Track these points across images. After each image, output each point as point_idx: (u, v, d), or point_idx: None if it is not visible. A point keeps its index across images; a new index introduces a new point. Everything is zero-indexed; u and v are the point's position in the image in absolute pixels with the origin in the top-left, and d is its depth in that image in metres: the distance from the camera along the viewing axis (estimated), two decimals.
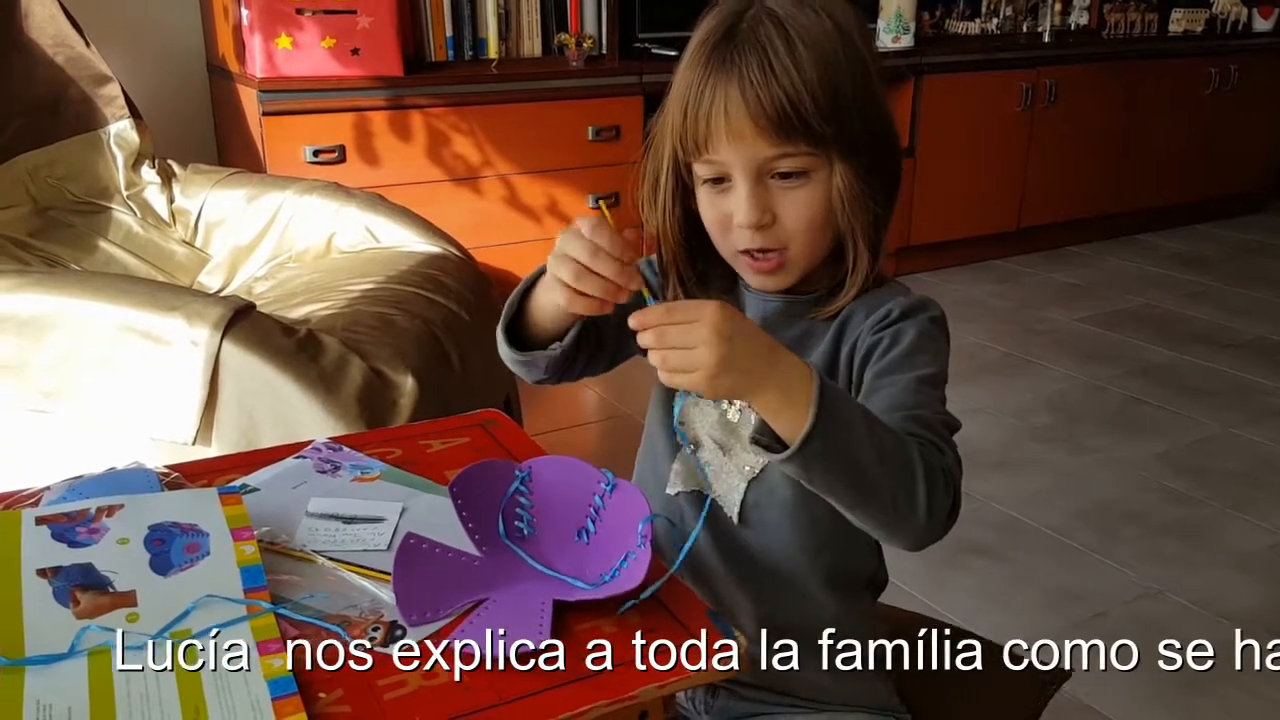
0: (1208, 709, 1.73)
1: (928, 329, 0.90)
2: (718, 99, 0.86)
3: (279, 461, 1.06)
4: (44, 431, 1.76)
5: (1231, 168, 4.78)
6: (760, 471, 0.96)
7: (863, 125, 0.87)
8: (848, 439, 0.76)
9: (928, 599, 2.00)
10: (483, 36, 3.19)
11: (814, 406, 0.74)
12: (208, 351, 1.68)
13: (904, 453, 0.78)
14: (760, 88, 0.84)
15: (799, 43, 0.85)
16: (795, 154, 0.87)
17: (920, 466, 0.77)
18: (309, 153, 2.82)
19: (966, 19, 4.27)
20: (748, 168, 0.88)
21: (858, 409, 0.78)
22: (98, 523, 0.88)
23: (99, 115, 2.53)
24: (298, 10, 2.76)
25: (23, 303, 1.75)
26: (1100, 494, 2.44)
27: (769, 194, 0.89)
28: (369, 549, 0.92)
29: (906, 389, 0.87)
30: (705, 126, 0.87)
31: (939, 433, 0.84)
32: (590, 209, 3.23)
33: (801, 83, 0.84)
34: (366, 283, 2.12)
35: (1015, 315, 3.66)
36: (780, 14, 0.86)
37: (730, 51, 0.86)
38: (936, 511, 0.78)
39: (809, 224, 0.89)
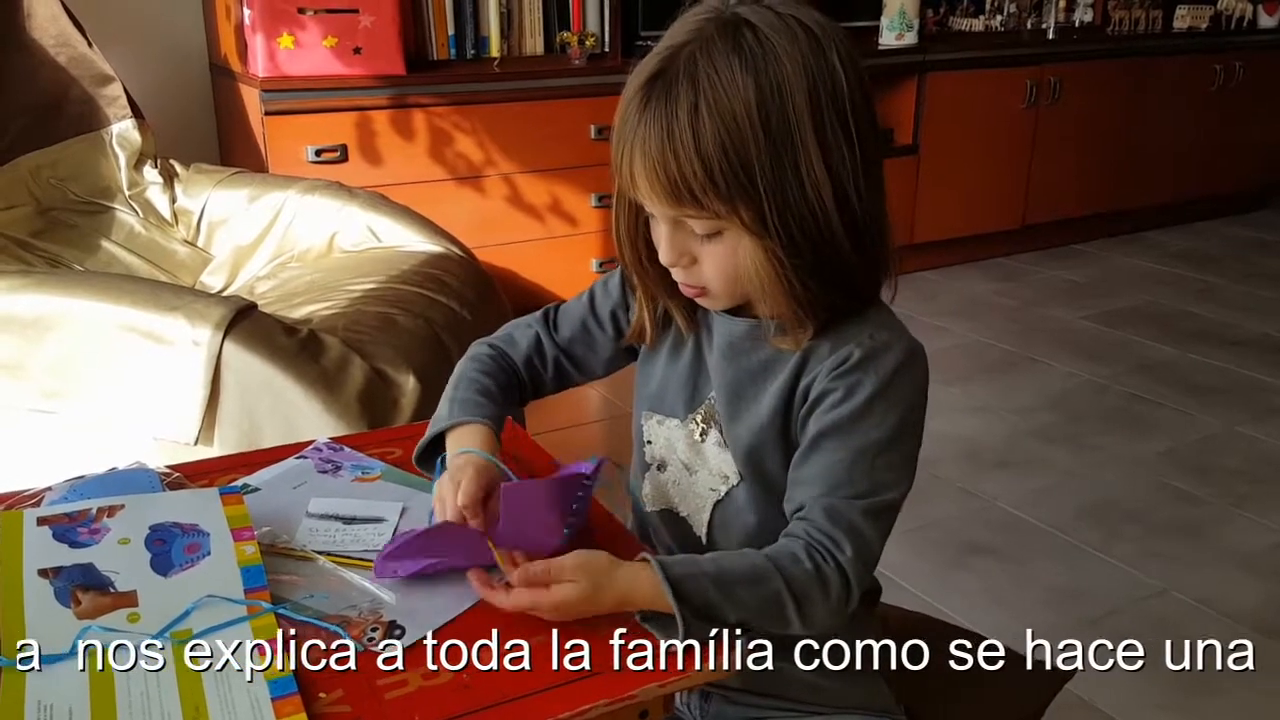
0: (1211, 708, 1.73)
1: (887, 380, 0.87)
2: (625, 153, 0.85)
3: (280, 462, 1.07)
4: (46, 431, 1.76)
5: (1236, 165, 4.76)
6: (725, 494, 0.96)
7: (777, 202, 0.81)
8: (713, 612, 0.81)
9: (931, 599, 2.00)
10: (485, 35, 3.18)
11: (678, 615, 0.79)
12: (209, 351, 1.68)
13: (767, 590, 0.82)
14: (655, 155, 0.82)
15: (704, 111, 0.80)
16: (696, 216, 0.84)
17: (788, 596, 0.82)
18: (311, 152, 2.82)
19: (970, 16, 4.26)
20: (663, 217, 0.87)
21: (709, 586, 0.81)
22: (99, 523, 0.89)
23: (101, 115, 2.53)
24: (300, 9, 2.76)
25: (25, 303, 1.75)
26: (1103, 492, 2.44)
27: (689, 241, 0.88)
28: (369, 549, 0.92)
29: (841, 463, 0.86)
30: (621, 168, 0.86)
31: (847, 524, 0.84)
32: (593, 207, 3.23)
33: (696, 156, 0.80)
34: (368, 282, 2.12)
35: (1019, 313, 3.65)
36: (701, 72, 0.81)
37: (647, 104, 0.83)
38: (817, 620, 0.84)
39: (725, 276, 0.87)
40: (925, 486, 2.42)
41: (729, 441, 0.95)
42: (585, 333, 1.06)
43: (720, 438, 0.96)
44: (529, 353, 1.06)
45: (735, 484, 0.95)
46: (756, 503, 0.95)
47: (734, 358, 0.95)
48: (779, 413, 0.92)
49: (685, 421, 0.98)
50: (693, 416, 0.98)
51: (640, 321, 1.00)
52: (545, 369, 1.07)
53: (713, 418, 0.96)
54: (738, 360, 0.95)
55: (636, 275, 0.97)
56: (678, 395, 0.99)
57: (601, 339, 1.06)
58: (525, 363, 1.06)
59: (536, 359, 1.06)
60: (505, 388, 1.03)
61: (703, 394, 0.98)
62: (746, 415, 0.94)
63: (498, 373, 1.04)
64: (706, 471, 0.97)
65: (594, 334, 1.06)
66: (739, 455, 0.94)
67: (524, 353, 1.06)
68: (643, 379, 1.04)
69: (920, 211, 3.89)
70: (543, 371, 1.07)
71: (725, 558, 0.85)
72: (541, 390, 1.08)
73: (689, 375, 0.99)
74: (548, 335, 1.07)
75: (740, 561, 0.84)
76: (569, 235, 3.24)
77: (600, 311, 1.05)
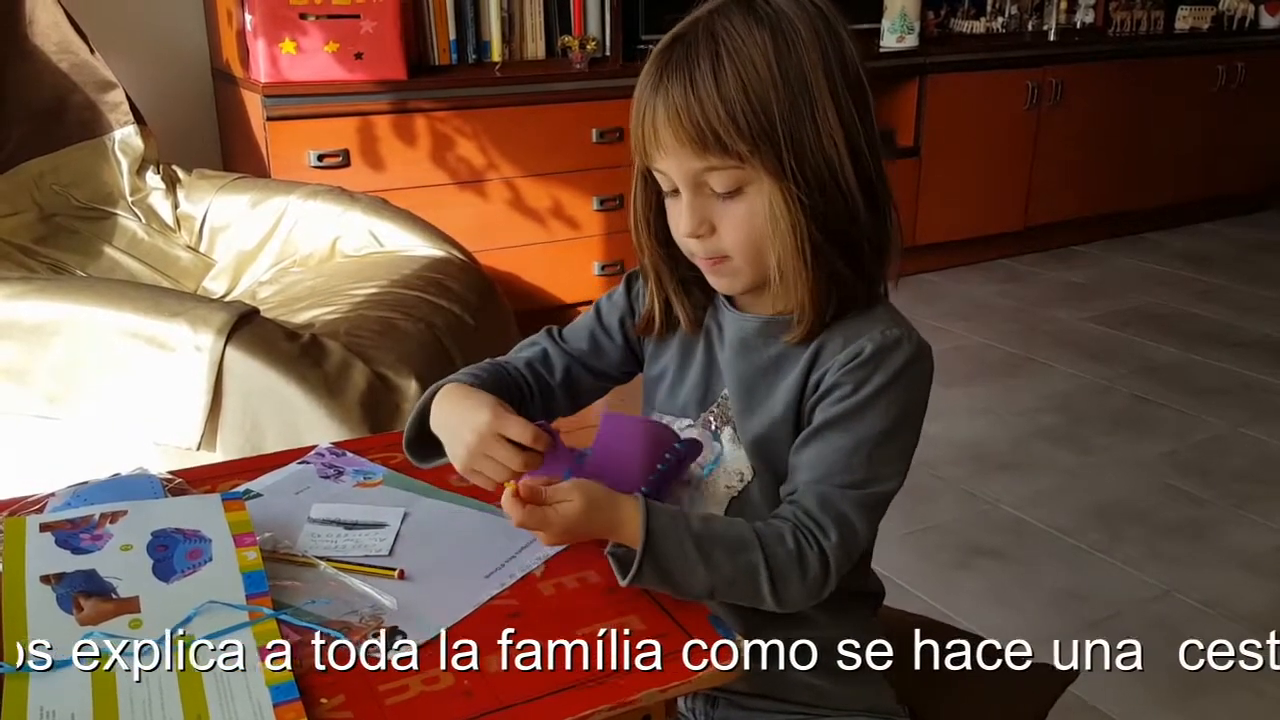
0: (1214, 709, 1.73)
1: (896, 374, 0.88)
2: (648, 112, 0.88)
3: (282, 467, 1.07)
4: (49, 437, 1.77)
5: (1238, 165, 4.76)
6: (741, 492, 0.96)
7: (795, 148, 0.85)
8: (681, 570, 0.84)
9: (935, 601, 2.00)
10: (486, 39, 3.19)
11: (636, 563, 0.83)
12: (212, 357, 1.68)
13: (745, 560, 0.85)
14: (679, 102, 0.85)
15: (725, 59, 0.84)
16: (722, 167, 0.86)
17: (764, 571, 0.85)
18: (313, 157, 2.83)
19: (971, 18, 4.26)
20: (685, 179, 0.89)
21: (688, 543, 0.84)
22: (101, 529, 0.89)
23: (103, 121, 2.53)
24: (301, 15, 2.76)
25: (28, 309, 1.75)
26: (1107, 494, 2.44)
27: (709, 206, 0.89)
28: (371, 555, 0.92)
29: (840, 451, 0.88)
30: (642, 136, 0.89)
31: (836, 513, 0.87)
32: (595, 211, 3.24)
33: (719, 99, 0.84)
34: (370, 287, 2.13)
35: (1021, 315, 3.65)
36: (720, 29, 0.86)
37: (666, 66, 0.87)
38: (790, 598, 0.87)
39: (746, 237, 0.89)
40: (928, 488, 2.42)
41: (742, 438, 0.96)
42: (594, 342, 1.06)
43: (734, 435, 0.96)
44: (530, 360, 1.06)
45: (750, 480, 0.96)
46: (771, 498, 0.95)
47: (746, 354, 0.95)
48: (791, 408, 0.92)
49: (698, 421, 0.99)
50: (705, 415, 0.98)
51: (650, 311, 1.01)
52: (552, 375, 1.05)
53: (726, 415, 0.97)
54: (750, 356, 0.95)
55: (650, 260, 0.98)
56: (690, 395, 1.00)
57: (610, 347, 1.06)
58: (526, 367, 1.05)
59: (541, 366, 1.05)
60: (497, 379, 1.01)
61: (715, 392, 0.98)
62: (760, 411, 0.94)
63: (486, 370, 1.02)
64: (722, 469, 0.97)
65: (602, 343, 1.06)
66: (752, 451, 0.95)
67: (524, 359, 1.06)
68: (652, 385, 1.04)
69: (922, 214, 3.89)
70: (549, 377, 1.05)
71: (715, 520, 0.88)
72: (551, 397, 1.06)
73: (701, 375, 0.99)
74: (555, 346, 1.06)
75: (728, 529, 0.87)
76: (571, 239, 3.24)
77: (608, 321, 1.06)
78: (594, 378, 1.07)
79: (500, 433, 0.88)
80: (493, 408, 0.89)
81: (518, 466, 0.88)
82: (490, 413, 0.89)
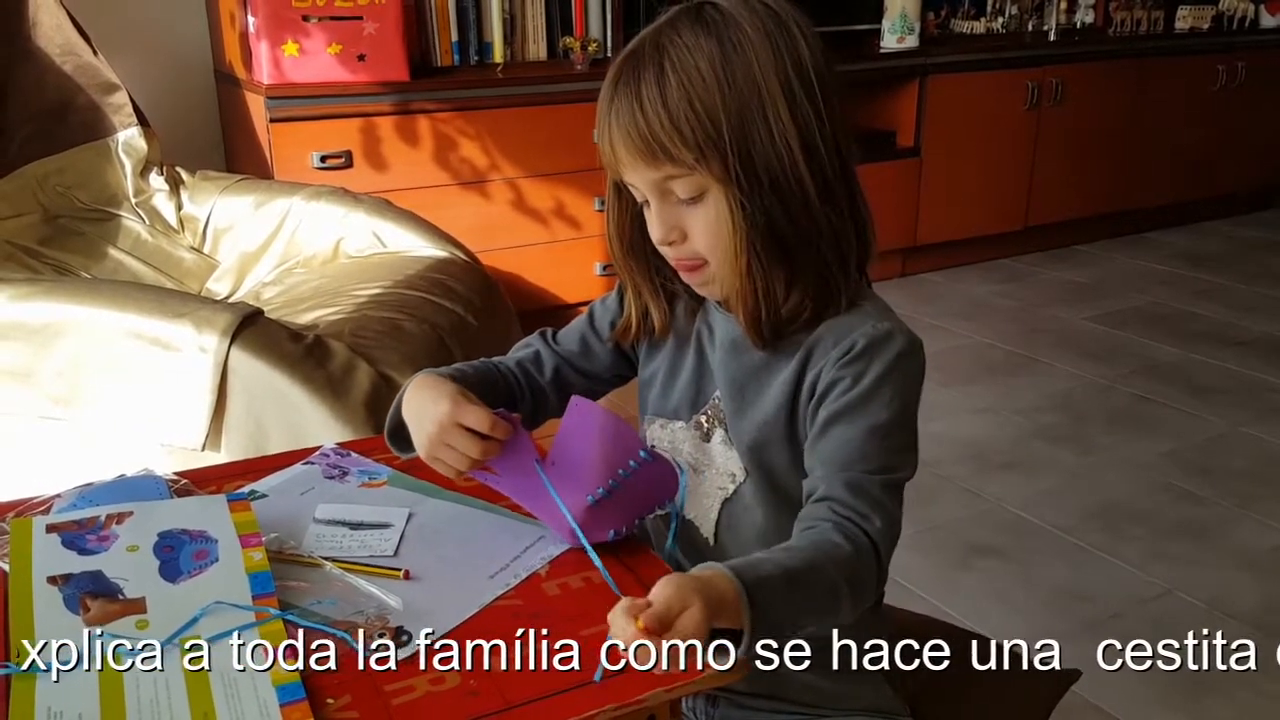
0: (1216, 709, 1.73)
1: (891, 365, 0.88)
2: (605, 132, 0.89)
3: (287, 468, 1.07)
4: (54, 439, 1.77)
5: (1239, 165, 4.76)
6: (734, 492, 0.97)
7: (743, 151, 0.85)
8: (783, 618, 0.77)
9: (937, 600, 2.00)
10: (488, 41, 3.19)
11: (747, 620, 0.74)
12: (216, 358, 1.69)
13: (827, 585, 0.79)
14: (627, 118, 0.86)
15: (670, 71, 0.85)
16: (677, 175, 0.87)
17: (844, 587, 0.80)
18: (316, 158, 2.83)
19: (971, 18, 4.26)
20: (649, 189, 0.89)
21: (781, 590, 0.76)
22: (107, 530, 0.89)
23: (107, 123, 2.54)
24: (304, 17, 2.77)
25: (32, 310, 1.76)
26: (1108, 494, 2.44)
27: (678, 213, 0.90)
28: (376, 555, 0.92)
29: (854, 441, 0.87)
30: (604, 150, 0.90)
31: (871, 498, 0.84)
32: (596, 211, 3.24)
33: (664, 110, 0.84)
34: (374, 288, 2.13)
35: (1022, 314, 3.65)
36: (666, 41, 0.86)
37: (617, 83, 0.88)
38: (864, 599, 0.83)
39: (715, 241, 0.89)
40: (930, 488, 2.43)
41: (734, 438, 0.96)
42: (584, 345, 1.07)
43: (726, 436, 0.97)
44: (522, 360, 1.07)
45: (742, 481, 0.96)
46: (763, 499, 0.95)
47: (737, 355, 0.96)
48: (784, 407, 0.93)
49: (690, 423, 0.99)
50: (697, 417, 0.99)
51: (628, 318, 1.02)
52: (542, 374, 1.06)
53: (718, 416, 0.97)
54: (740, 357, 0.96)
55: (623, 268, 0.99)
56: (682, 397, 1.00)
57: (600, 350, 1.07)
58: (517, 366, 1.06)
59: (531, 365, 1.06)
60: (484, 375, 1.02)
61: (707, 394, 0.99)
62: (751, 411, 0.95)
63: (473, 367, 1.03)
64: (714, 471, 0.98)
65: (592, 346, 1.07)
66: (744, 451, 0.95)
67: (516, 359, 1.07)
68: (645, 387, 1.05)
69: (923, 214, 3.89)
70: (539, 377, 1.06)
71: (780, 556, 0.80)
72: (542, 397, 1.06)
73: (692, 377, 1.00)
74: (546, 347, 1.07)
75: (793, 558, 0.79)
76: (573, 239, 3.25)
77: (599, 325, 1.07)
78: (583, 379, 1.08)
79: (460, 421, 0.89)
80: (452, 397, 0.90)
81: (477, 455, 0.89)
82: (450, 402, 0.90)
